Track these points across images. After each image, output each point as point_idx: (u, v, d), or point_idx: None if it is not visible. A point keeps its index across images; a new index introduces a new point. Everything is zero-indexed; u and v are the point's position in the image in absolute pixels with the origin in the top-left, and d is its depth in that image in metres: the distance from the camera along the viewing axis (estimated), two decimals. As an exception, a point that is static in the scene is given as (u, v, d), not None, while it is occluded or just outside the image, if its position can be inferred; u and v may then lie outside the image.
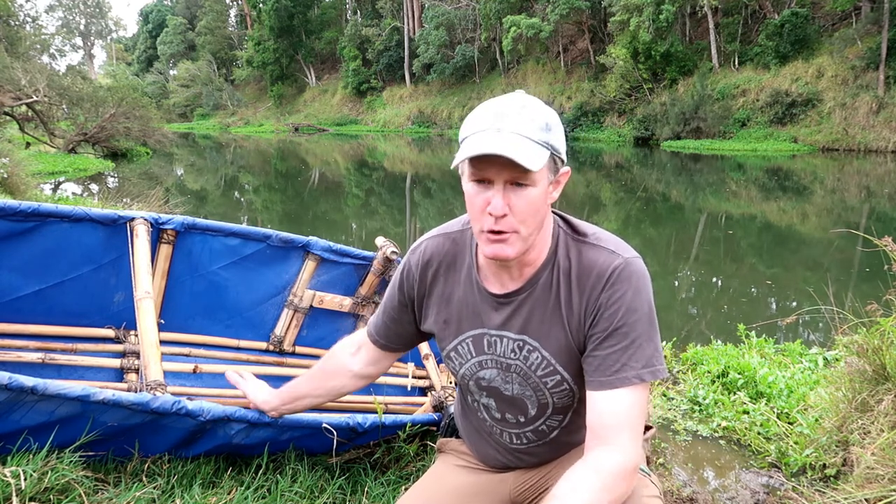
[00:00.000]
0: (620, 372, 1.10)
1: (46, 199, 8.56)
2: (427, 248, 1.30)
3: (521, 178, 1.05)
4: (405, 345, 1.42)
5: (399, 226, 11.96)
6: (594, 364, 1.13)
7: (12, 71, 19.18)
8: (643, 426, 1.13)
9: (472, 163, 1.06)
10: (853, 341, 2.14)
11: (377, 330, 1.41)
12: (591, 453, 1.09)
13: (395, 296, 1.35)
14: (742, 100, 27.65)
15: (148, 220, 2.28)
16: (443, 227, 1.32)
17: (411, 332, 1.39)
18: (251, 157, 29.02)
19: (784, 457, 2.20)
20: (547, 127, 1.06)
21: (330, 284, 2.66)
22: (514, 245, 1.09)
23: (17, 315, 2.19)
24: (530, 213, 1.07)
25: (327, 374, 1.49)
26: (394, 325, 1.38)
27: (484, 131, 1.04)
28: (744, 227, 11.40)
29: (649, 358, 1.11)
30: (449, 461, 1.49)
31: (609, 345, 1.12)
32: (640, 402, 1.11)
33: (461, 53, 40.47)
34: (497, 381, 1.27)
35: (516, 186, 1.06)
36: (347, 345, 1.48)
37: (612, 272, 1.12)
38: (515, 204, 1.06)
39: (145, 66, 67.75)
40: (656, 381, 1.24)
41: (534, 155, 1.03)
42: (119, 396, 1.44)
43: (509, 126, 1.04)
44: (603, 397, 1.11)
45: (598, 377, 1.12)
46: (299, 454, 1.83)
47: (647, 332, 1.12)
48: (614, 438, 1.08)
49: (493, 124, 1.04)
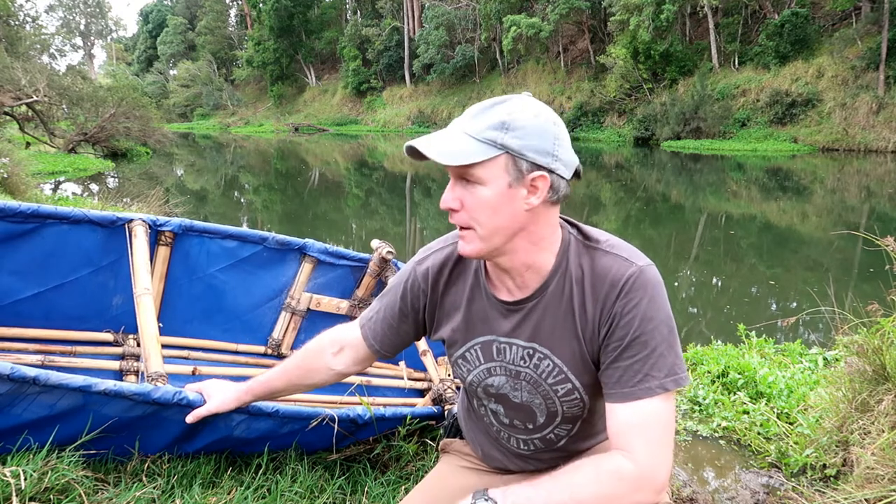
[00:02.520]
0: (643, 382, 1.07)
1: (46, 199, 8.57)
2: (435, 262, 1.27)
3: (463, 172, 1.05)
4: (396, 352, 1.39)
5: (399, 226, 11.96)
6: (615, 376, 1.10)
7: (12, 71, 19.20)
8: (669, 437, 1.08)
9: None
10: (853, 341, 2.14)
11: (374, 335, 1.35)
12: (603, 454, 1.09)
13: (396, 304, 1.32)
14: (742, 100, 27.67)
15: (146, 222, 2.28)
16: (448, 236, 1.30)
17: (407, 341, 1.36)
18: (251, 157, 29.03)
19: (784, 457, 2.20)
20: (502, 126, 1.03)
21: (327, 287, 2.66)
22: (471, 242, 1.09)
23: (16, 318, 2.19)
24: (482, 212, 1.06)
25: (306, 371, 1.43)
26: (391, 333, 1.34)
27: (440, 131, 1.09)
28: (744, 227, 11.40)
29: (672, 366, 1.08)
30: (452, 462, 1.49)
31: (629, 355, 1.09)
32: (664, 412, 1.07)
33: (461, 53, 40.50)
34: (506, 389, 1.26)
35: (466, 183, 1.07)
36: (327, 343, 1.41)
37: (626, 280, 1.10)
38: (466, 200, 1.07)
39: (145, 66, 67.82)
40: (680, 388, 1.20)
41: (462, 149, 1.03)
42: (121, 387, 1.44)
43: (458, 123, 1.07)
44: (624, 409, 1.08)
45: (619, 389, 1.09)
46: (299, 453, 1.83)
47: (667, 339, 1.09)
48: (629, 446, 1.06)
49: (452, 123, 1.08)
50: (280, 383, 1.46)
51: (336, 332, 1.42)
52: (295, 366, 1.44)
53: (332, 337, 1.41)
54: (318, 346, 1.42)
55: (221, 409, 1.49)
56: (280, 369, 1.46)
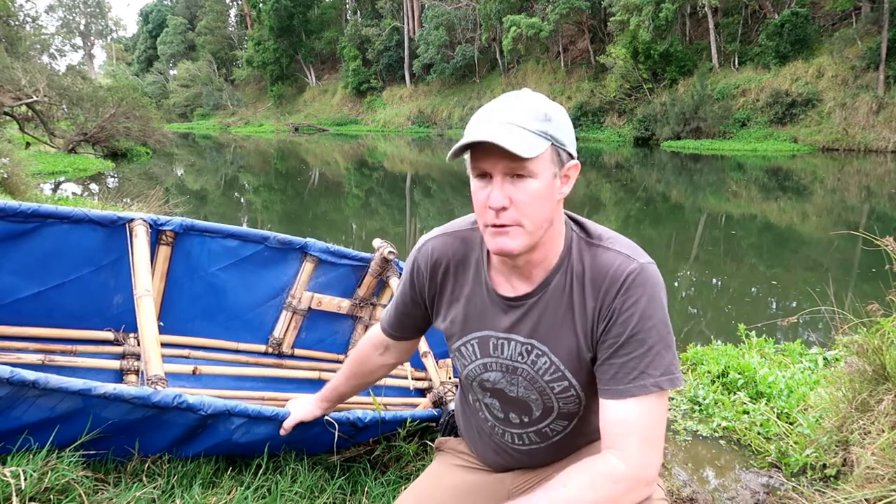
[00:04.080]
0: (638, 380, 1.07)
1: (46, 199, 8.56)
2: (435, 248, 1.28)
3: (517, 168, 1.03)
4: (421, 333, 1.47)
5: (399, 226, 11.95)
6: (610, 372, 1.10)
7: (12, 71, 19.17)
8: (660, 435, 1.09)
9: (472, 157, 1.05)
10: (853, 341, 2.14)
11: (392, 326, 1.44)
12: (595, 455, 1.08)
13: (407, 292, 1.36)
14: (742, 100, 27.65)
15: (147, 221, 2.28)
16: (450, 224, 1.30)
17: (425, 326, 1.43)
18: (251, 157, 29.03)
19: (784, 457, 2.20)
20: (545, 117, 1.04)
21: (328, 286, 2.66)
22: (517, 238, 1.06)
23: (17, 317, 2.19)
24: (533, 206, 1.05)
25: (367, 374, 1.56)
26: (408, 320, 1.41)
27: (478, 124, 1.04)
28: (744, 227, 11.40)
29: (668, 366, 1.08)
30: (447, 460, 1.49)
31: (625, 352, 1.09)
32: (657, 411, 1.08)
33: (461, 53, 40.48)
34: (502, 384, 1.26)
35: (515, 178, 1.04)
36: (370, 348, 1.51)
37: (626, 277, 1.09)
38: (516, 196, 1.04)
39: (145, 66, 67.79)
40: (675, 389, 1.21)
41: (526, 142, 1.01)
42: (120, 390, 1.44)
43: (499, 117, 1.03)
44: (617, 406, 1.08)
45: (614, 385, 1.09)
46: (299, 454, 1.83)
47: (664, 339, 1.09)
48: (621, 445, 1.06)
49: (485, 117, 1.05)
50: (347, 388, 1.61)
51: (371, 336, 1.52)
52: (353, 373, 1.56)
53: (373, 342, 1.51)
54: (364, 354, 1.53)
55: (307, 418, 1.63)
56: (343, 378, 1.58)
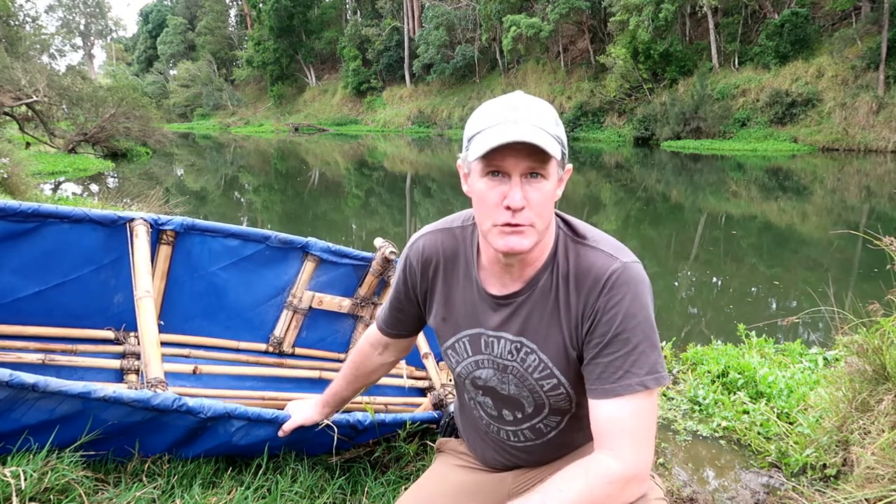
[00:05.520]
0: (623, 379, 1.08)
1: (46, 199, 8.56)
2: (426, 245, 1.29)
3: (538, 168, 1.04)
4: (417, 330, 1.47)
5: (399, 226, 11.95)
6: (596, 372, 1.11)
7: (12, 71, 19.17)
8: (651, 433, 1.10)
9: (488, 156, 1.04)
10: (853, 341, 2.14)
11: (388, 324, 1.44)
12: (588, 456, 1.09)
13: (401, 289, 1.37)
14: (742, 100, 27.66)
15: (147, 221, 2.28)
16: (440, 222, 1.31)
17: (421, 322, 1.43)
18: (251, 157, 29.02)
19: (784, 457, 2.20)
20: (556, 122, 1.08)
21: (329, 285, 2.66)
22: (529, 237, 1.07)
23: (17, 316, 2.19)
24: (545, 206, 1.07)
25: (367, 374, 1.55)
26: (403, 317, 1.41)
27: (499, 124, 1.03)
28: (744, 227, 11.40)
29: (653, 364, 1.09)
30: (448, 461, 1.50)
31: (610, 352, 1.10)
32: (645, 410, 1.09)
33: (461, 53, 40.48)
34: (493, 381, 1.27)
35: (532, 178, 1.05)
36: (368, 348, 1.51)
37: (609, 276, 1.10)
38: (532, 197, 1.05)
39: (145, 66, 67.78)
40: (661, 387, 1.20)
41: (549, 145, 1.03)
42: (120, 394, 1.45)
43: (525, 117, 1.03)
44: (605, 405, 1.09)
45: (600, 385, 1.10)
46: (299, 454, 1.83)
47: (649, 338, 1.10)
48: (613, 445, 1.07)
49: (508, 117, 1.04)
50: (348, 392, 1.59)
51: (372, 335, 1.51)
52: (354, 376, 1.56)
53: (372, 341, 1.51)
54: (364, 354, 1.53)
55: (307, 422, 1.63)
56: (344, 382, 1.58)
